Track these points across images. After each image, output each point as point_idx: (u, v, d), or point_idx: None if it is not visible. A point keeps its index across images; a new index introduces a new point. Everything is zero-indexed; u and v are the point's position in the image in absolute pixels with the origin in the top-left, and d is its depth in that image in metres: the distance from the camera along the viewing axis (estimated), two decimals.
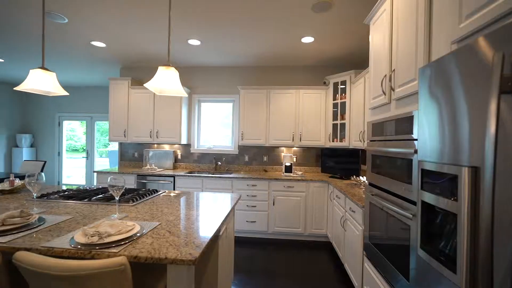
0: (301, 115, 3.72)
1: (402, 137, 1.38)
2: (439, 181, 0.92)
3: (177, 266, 1.05)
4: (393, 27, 1.57)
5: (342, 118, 3.48)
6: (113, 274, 0.93)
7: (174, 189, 3.60)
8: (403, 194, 1.35)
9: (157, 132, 3.91)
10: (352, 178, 3.08)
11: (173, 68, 1.39)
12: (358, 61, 3.80)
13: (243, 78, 4.17)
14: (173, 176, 3.61)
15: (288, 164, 3.69)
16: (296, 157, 4.06)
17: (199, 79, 4.24)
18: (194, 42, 3.14)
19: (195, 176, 3.57)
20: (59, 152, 6.35)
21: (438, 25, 1.13)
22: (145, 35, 2.98)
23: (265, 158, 4.11)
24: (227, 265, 1.93)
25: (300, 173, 3.78)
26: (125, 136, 3.98)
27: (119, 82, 3.98)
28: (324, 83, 3.95)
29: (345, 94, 3.44)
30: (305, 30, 2.76)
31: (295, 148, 4.06)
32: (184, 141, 4.00)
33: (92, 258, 1.04)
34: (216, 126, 4.35)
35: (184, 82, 4.25)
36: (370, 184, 1.88)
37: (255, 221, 3.46)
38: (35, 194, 1.61)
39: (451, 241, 0.85)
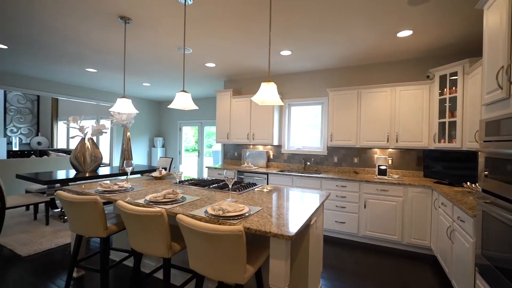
0: (398, 114, 3.44)
1: None
2: None
3: (278, 239, 1.34)
4: None
5: (452, 115, 3.01)
6: (234, 237, 1.30)
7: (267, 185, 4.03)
8: None
9: (253, 134, 4.48)
10: (466, 185, 2.65)
11: (272, 83, 1.71)
12: (468, 49, 3.20)
13: (331, 80, 4.21)
14: (267, 174, 4.05)
15: (382, 166, 3.49)
16: (391, 160, 3.76)
17: (289, 85, 4.56)
18: (285, 53, 3.47)
19: (286, 174, 3.88)
20: (179, 151, 8.07)
21: None
22: (245, 52, 3.52)
23: (355, 160, 4.01)
24: (317, 255, 2.11)
25: (396, 176, 3.50)
26: (228, 138, 4.75)
27: (224, 93, 4.78)
28: (428, 77, 3.51)
29: (455, 87, 2.98)
30: (402, 24, 2.60)
31: (390, 150, 3.77)
32: (275, 142, 4.41)
33: (219, 225, 1.46)
34: (304, 128, 4.56)
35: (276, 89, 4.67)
36: (483, 190, 1.66)
37: (344, 222, 3.46)
38: (178, 180, 2.27)
39: None
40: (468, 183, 2.76)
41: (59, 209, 4.23)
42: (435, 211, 2.87)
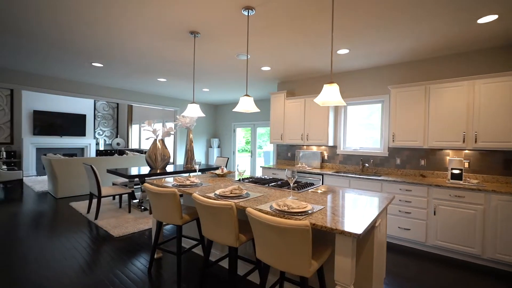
0: (477, 110, 3.03)
1: None
2: None
3: (344, 237, 1.37)
4: None
5: None
6: (301, 231, 1.38)
7: None
8: None
9: (307, 135, 4.48)
10: None
11: (335, 84, 1.73)
12: None
13: (393, 76, 3.93)
14: (322, 174, 4.01)
15: (456, 170, 3.12)
16: (468, 162, 3.33)
17: (346, 83, 4.42)
18: (343, 51, 3.39)
19: (342, 175, 3.78)
20: (233, 151, 8.52)
21: None
22: (300, 54, 3.57)
23: (422, 162, 3.66)
24: (380, 259, 2.03)
25: (475, 181, 3.08)
26: (281, 139, 4.85)
27: (277, 95, 4.91)
28: None
29: None
30: (484, 9, 2.31)
31: (467, 151, 3.34)
32: (330, 143, 4.33)
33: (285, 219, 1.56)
34: (358, 128, 4.35)
35: None
36: None
37: (409, 229, 3.21)
38: (240, 178, 2.46)
39: None
40: None
41: (137, 200, 4.94)
42: None
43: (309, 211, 1.65)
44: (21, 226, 3.65)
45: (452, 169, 3.15)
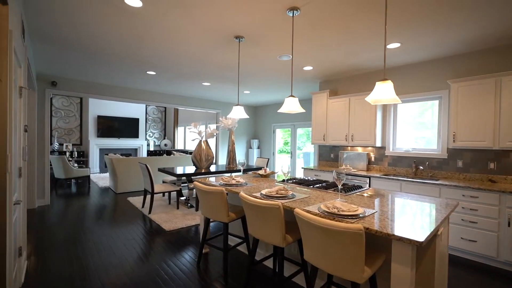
0: None
1: None
2: None
3: (402, 244, 1.27)
4: None
5: None
6: (353, 235, 1.32)
7: None
8: None
9: (352, 135, 4.28)
10: None
11: (389, 81, 1.63)
12: None
13: (453, 69, 3.52)
14: (369, 177, 3.78)
15: None
16: None
17: (396, 80, 4.10)
18: (393, 45, 3.16)
19: (393, 178, 3.52)
20: (273, 152, 8.55)
21: None
22: (345, 51, 3.43)
23: (491, 165, 3.21)
24: (442, 272, 1.84)
25: None
26: (324, 140, 4.71)
27: (319, 95, 4.78)
28: None
29: None
30: None
31: None
32: (378, 143, 4.06)
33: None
34: (407, 127, 3.99)
35: None
36: None
37: (475, 241, 2.83)
38: (285, 178, 2.46)
39: None
40: None
41: (184, 197, 5.27)
42: None
43: (361, 215, 1.58)
44: (90, 217, 4.19)
45: None
